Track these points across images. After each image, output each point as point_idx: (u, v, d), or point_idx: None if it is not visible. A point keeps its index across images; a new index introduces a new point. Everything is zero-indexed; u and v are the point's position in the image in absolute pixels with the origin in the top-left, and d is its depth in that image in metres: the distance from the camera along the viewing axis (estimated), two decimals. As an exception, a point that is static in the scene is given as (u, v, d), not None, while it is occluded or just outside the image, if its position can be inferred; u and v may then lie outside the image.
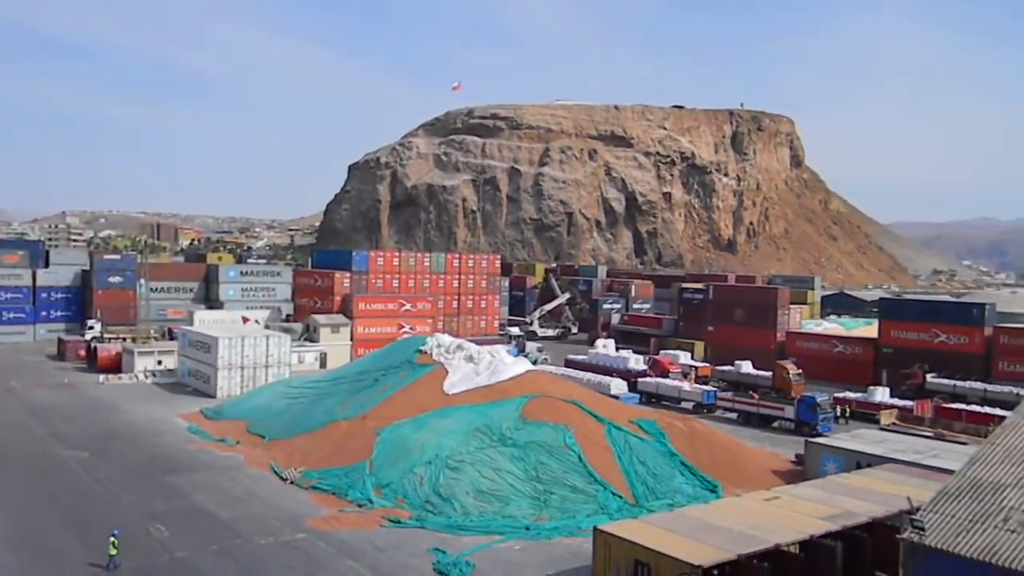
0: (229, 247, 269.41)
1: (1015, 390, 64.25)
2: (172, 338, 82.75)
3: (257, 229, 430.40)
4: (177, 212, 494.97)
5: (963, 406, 62.93)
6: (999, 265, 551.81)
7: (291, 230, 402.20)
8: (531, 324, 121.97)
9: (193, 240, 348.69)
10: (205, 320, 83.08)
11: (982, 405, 63.68)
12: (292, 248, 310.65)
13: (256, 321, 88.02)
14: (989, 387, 69.35)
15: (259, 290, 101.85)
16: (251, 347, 66.87)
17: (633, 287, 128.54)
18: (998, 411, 57.36)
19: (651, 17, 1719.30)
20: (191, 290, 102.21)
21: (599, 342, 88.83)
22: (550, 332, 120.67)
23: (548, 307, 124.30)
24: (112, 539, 30.51)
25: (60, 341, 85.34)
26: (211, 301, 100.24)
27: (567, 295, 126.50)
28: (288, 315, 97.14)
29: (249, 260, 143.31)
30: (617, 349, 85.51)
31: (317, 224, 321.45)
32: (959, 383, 71.17)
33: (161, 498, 38.90)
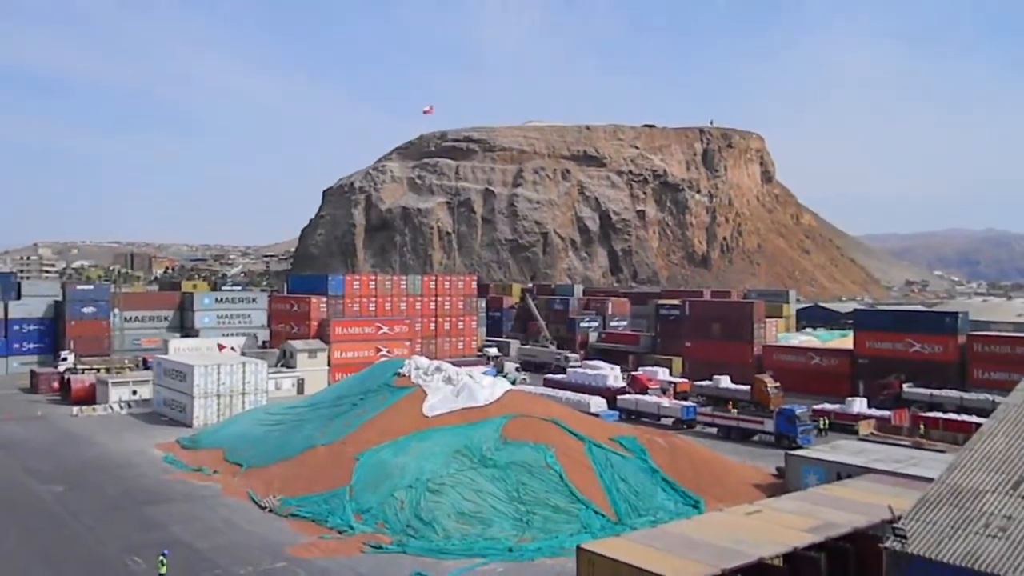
0: (204, 275, 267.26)
1: (991, 397, 64.84)
2: (147, 368, 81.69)
3: (232, 256, 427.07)
4: (151, 241, 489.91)
5: (940, 414, 63.44)
6: (970, 274, 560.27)
7: (266, 256, 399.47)
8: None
9: (167, 269, 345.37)
10: (180, 348, 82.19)
11: (959, 413, 64.21)
12: (267, 274, 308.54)
13: (232, 348, 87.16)
14: (965, 395, 69.93)
15: (234, 317, 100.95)
16: (227, 374, 66.13)
17: (610, 305, 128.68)
18: (975, 419, 57.79)
19: (616, 37, 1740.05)
20: (166, 319, 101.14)
21: (601, 364, 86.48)
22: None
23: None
24: (161, 558, 31.30)
25: (33, 373, 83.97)
26: (186, 329, 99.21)
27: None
28: (264, 341, 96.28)
29: (224, 287, 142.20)
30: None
31: (292, 250, 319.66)
32: (935, 392, 71.71)
33: (138, 530, 38.17)
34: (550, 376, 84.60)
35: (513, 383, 70.02)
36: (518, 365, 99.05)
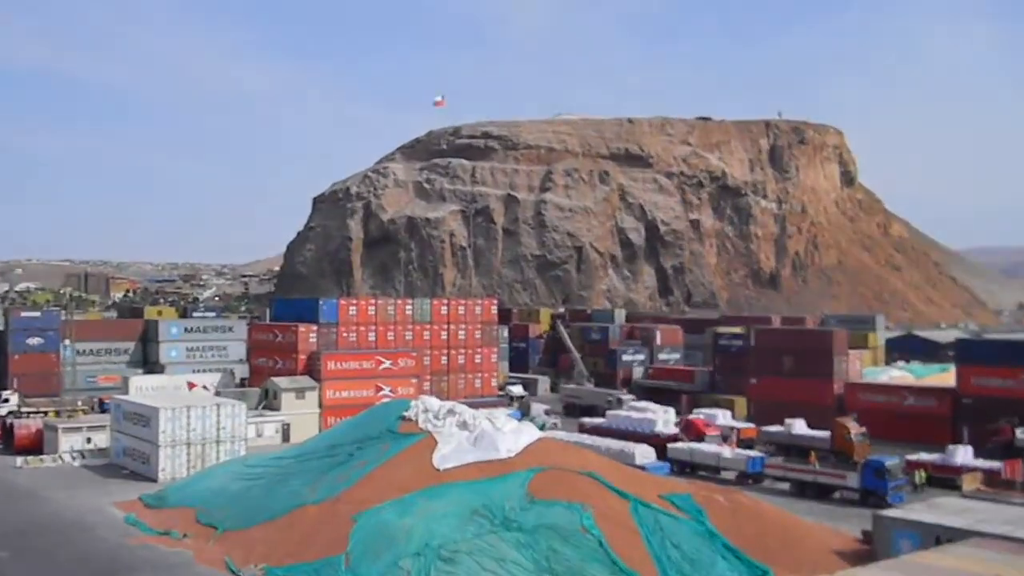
0: (171, 299, 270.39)
1: (1124, 446, 64.09)
2: (104, 410, 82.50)
3: (204, 276, 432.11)
4: (108, 259, 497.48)
5: (1062, 467, 62.79)
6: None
7: (245, 276, 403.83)
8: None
9: (128, 292, 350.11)
10: (143, 387, 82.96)
11: (1085, 465, 63.52)
12: (247, 298, 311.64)
13: (204, 387, 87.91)
14: (1094, 443, 69.19)
15: (207, 349, 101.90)
16: (198, 419, 66.64)
17: (658, 334, 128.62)
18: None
19: (662, 11, 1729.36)
20: (126, 351, 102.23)
21: (648, 406, 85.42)
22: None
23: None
24: None
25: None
26: (150, 364, 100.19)
27: None
28: (243, 379, 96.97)
29: (195, 314, 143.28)
30: None
31: (276, 268, 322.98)
32: (1056, 439, 71.04)
33: (93, 605, 38.58)
34: (587, 420, 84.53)
35: (542, 428, 70.12)
36: (548, 407, 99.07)
